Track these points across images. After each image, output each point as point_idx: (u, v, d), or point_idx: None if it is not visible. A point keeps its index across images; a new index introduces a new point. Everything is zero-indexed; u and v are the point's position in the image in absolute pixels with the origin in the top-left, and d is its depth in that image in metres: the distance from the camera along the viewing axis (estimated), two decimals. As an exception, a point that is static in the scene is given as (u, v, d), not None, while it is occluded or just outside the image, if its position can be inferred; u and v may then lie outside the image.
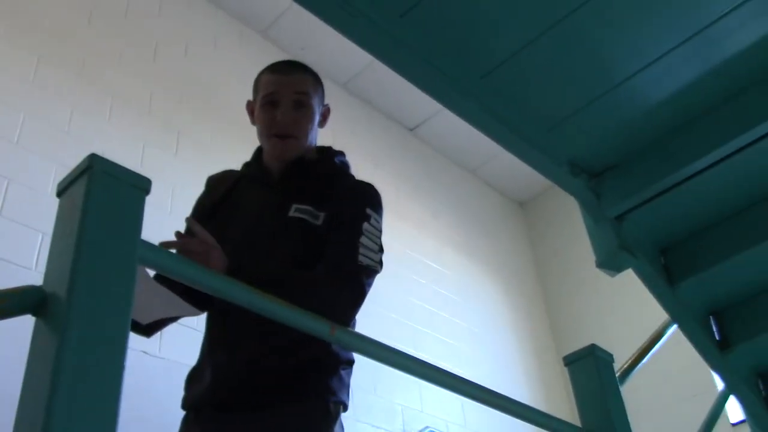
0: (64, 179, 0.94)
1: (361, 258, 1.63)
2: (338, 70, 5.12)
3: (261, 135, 1.81)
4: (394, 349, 1.31)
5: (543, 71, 1.82)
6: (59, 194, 0.95)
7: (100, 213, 0.88)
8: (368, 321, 1.92)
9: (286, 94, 1.77)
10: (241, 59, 4.51)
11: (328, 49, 4.90)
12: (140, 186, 0.94)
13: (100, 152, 0.94)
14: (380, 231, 1.73)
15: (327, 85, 1.93)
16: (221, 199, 1.86)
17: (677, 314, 2.25)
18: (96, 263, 0.85)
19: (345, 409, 1.69)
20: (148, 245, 0.96)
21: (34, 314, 0.86)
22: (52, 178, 3.08)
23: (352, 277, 1.61)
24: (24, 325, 0.91)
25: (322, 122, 1.88)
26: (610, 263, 2.03)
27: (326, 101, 1.90)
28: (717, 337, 2.36)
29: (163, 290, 1.48)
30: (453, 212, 5.71)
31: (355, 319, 1.71)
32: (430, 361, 1.39)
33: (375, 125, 5.41)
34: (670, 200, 2.06)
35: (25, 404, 0.80)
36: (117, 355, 0.82)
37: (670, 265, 2.20)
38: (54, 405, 0.75)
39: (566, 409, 4.98)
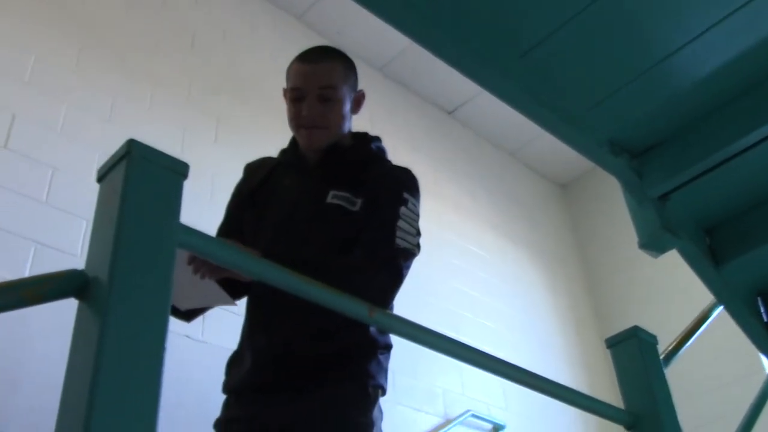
0: (104, 165, 0.96)
1: (398, 241, 1.63)
2: (375, 54, 5.10)
3: (290, 126, 1.81)
4: (433, 331, 1.31)
5: (582, 49, 1.78)
6: (99, 180, 0.96)
7: (139, 197, 0.89)
8: (407, 305, 1.91)
9: (311, 89, 1.75)
10: (278, 45, 4.53)
11: (365, 33, 4.89)
12: (178, 170, 0.95)
13: (141, 140, 0.95)
14: (417, 215, 1.73)
15: (363, 69, 1.92)
16: (259, 185, 1.87)
17: (723, 295, 2.20)
18: (136, 247, 0.86)
19: (383, 393, 1.70)
20: (187, 229, 0.96)
21: (77, 297, 0.87)
22: (95, 166, 3.11)
23: (389, 260, 1.61)
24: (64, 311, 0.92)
25: (356, 108, 1.85)
26: (653, 244, 1.99)
27: (362, 86, 1.88)
28: (765, 319, 2.30)
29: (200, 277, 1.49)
30: (493, 195, 5.67)
31: (392, 305, 1.71)
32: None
33: (413, 109, 5.38)
34: (715, 179, 2.01)
35: (70, 385, 0.82)
36: (158, 336, 0.83)
37: (716, 246, 2.16)
38: (97, 386, 0.77)
39: (609, 393, 4.94)
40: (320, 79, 1.76)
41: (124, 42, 3.75)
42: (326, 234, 1.70)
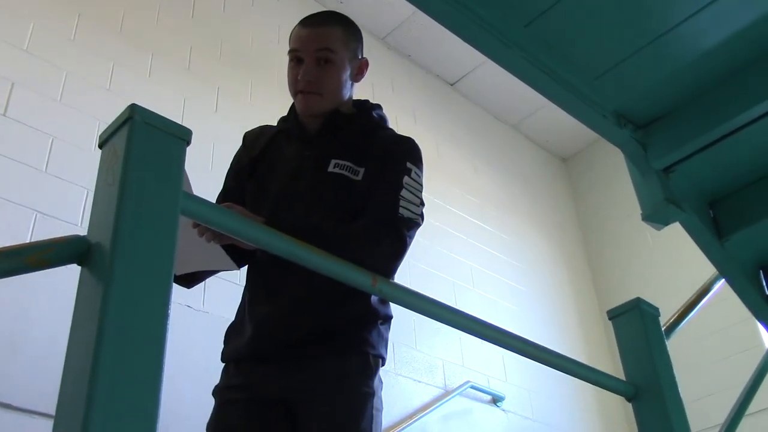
0: (106, 130, 0.94)
1: (401, 211, 1.62)
2: (378, 24, 5.06)
3: (289, 91, 1.80)
4: (436, 301, 1.31)
5: (588, 19, 1.76)
6: (101, 145, 0.95)
7: (141, 162, 0.88)
8: (409, 277, 1.91)
9: (309, 51, 1.73)
10: (278, 14, 4.48)
11: (367, 3, 4.84)
12: (181, 136, 0.94)
13: (141, 108, 0.93)
14: (421, 185, 1.72)
15: (365, 39, 1.89)
16: (260, 154, 1.85)
17: (725, 268, 2.20)
18: (138, 212, 0.85)
19: (383, 363, 1.70)
20: (190, 196, 0.95)
21: (79, 264, 0.87)
22: (95, 135, 3.11)
23: (393, 229, 1.60)
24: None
25: (357, 76, 1.83)
26: (656, 216, 1.98)
27: (365, 55, 1.86)
28: (767, 292, 2.30)
29: (203, 240, 1.48)
30: (494, 168, 5.66)
31: (394, 277, 1.71)
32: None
33: (415, 80, 5.35)
34: (719, 151, 2.00)
35: (72, 351, 0.81)
36: (161, 302, 0.83)
37: (719, 218, 2.15)
38: (100, 352, 0.76)
39: (607, 366, 4.96)
40: (319, 41, 1.74)
41: (123, 10, 3.71)
42: (328, 203, 1.69)
